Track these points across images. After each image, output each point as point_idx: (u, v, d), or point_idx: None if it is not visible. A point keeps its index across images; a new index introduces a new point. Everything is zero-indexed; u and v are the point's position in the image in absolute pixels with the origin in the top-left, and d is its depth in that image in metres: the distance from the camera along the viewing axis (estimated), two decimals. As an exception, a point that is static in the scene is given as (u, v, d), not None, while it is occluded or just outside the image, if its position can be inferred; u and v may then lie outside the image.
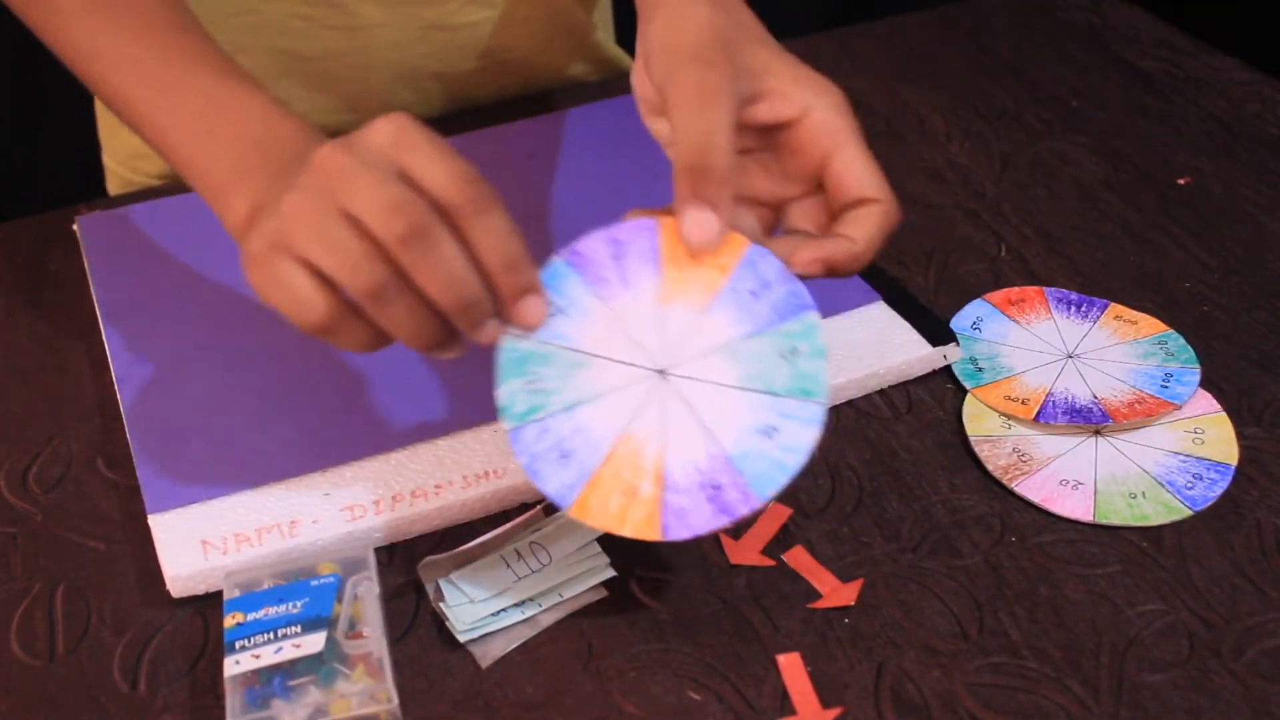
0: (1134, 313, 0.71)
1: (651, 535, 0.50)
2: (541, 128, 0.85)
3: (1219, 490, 0.61)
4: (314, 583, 0.55)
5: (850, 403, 0.67)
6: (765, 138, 0.57)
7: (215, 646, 0.55)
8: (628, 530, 0.51)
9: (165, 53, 0.61)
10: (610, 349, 0.53)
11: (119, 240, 0.76)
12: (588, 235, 0.54)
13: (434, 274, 0.49)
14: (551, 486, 0.51)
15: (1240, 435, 0.64)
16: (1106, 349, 0.69)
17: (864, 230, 0.55)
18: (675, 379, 0.53)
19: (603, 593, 0.57)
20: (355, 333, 0.51)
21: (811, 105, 0.55)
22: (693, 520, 0.50)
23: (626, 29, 1.01)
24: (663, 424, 0.52)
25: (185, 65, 0.61)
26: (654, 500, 0.51)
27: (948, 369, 0.68)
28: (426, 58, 0.88)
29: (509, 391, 0.52)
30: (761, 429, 0.52)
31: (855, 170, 0.55)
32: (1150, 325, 0.70)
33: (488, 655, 0.55)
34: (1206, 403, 0.66)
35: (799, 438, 0.51)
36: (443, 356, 0.52)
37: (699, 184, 0.51)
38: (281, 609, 0.54)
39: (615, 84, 0.94)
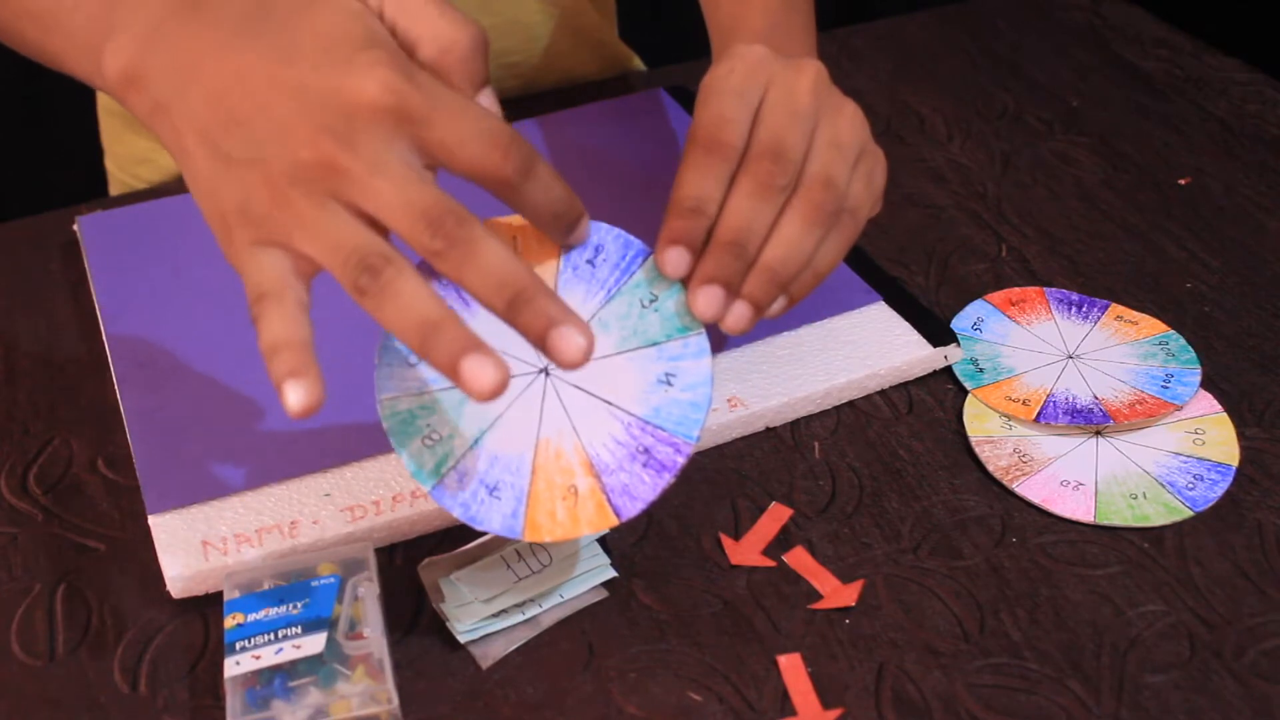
0: (1135, 313, 0.71)
1: (608, 523, 0.51)
2: (543, 128, 0.85)
3: (1220, 491, 0.61)
4: (314, 583, 0.55)
5: (850, 403, 0.67)
6: None
7: (215, 647, 0.55)
8: (585, 529, 0.51)
9: None
10: None
11: (119, 240, 0.76)
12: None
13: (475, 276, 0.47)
14: (496, 524, 0.51)
15: (1241, 436, 0.64)
16: (1107, 349, 0.69)
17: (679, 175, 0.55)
18: (560, 371, 0.53)
19: (603, 593, 0.57)
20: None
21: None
22: (639, 491, 0.51)
23: (628, 26, 1.01)
24: (568, 417, 0.52)
25: None
26: (595, 490, 0.51)
27: (948, 369, 0.68)
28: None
29: (411, 455, 0.52)
30: (659, 380, 0.52)
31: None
32: (1151, 326, 0.70)
33: (488, 656, 0.55)
34: (1207, 403, 0.66)
35: (696, 373, 0.53)
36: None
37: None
38: (282, 610, 0.54)
39: (619, 83, 0.94)
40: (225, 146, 0.48)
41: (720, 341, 0.68)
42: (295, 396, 0.47)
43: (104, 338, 0.70)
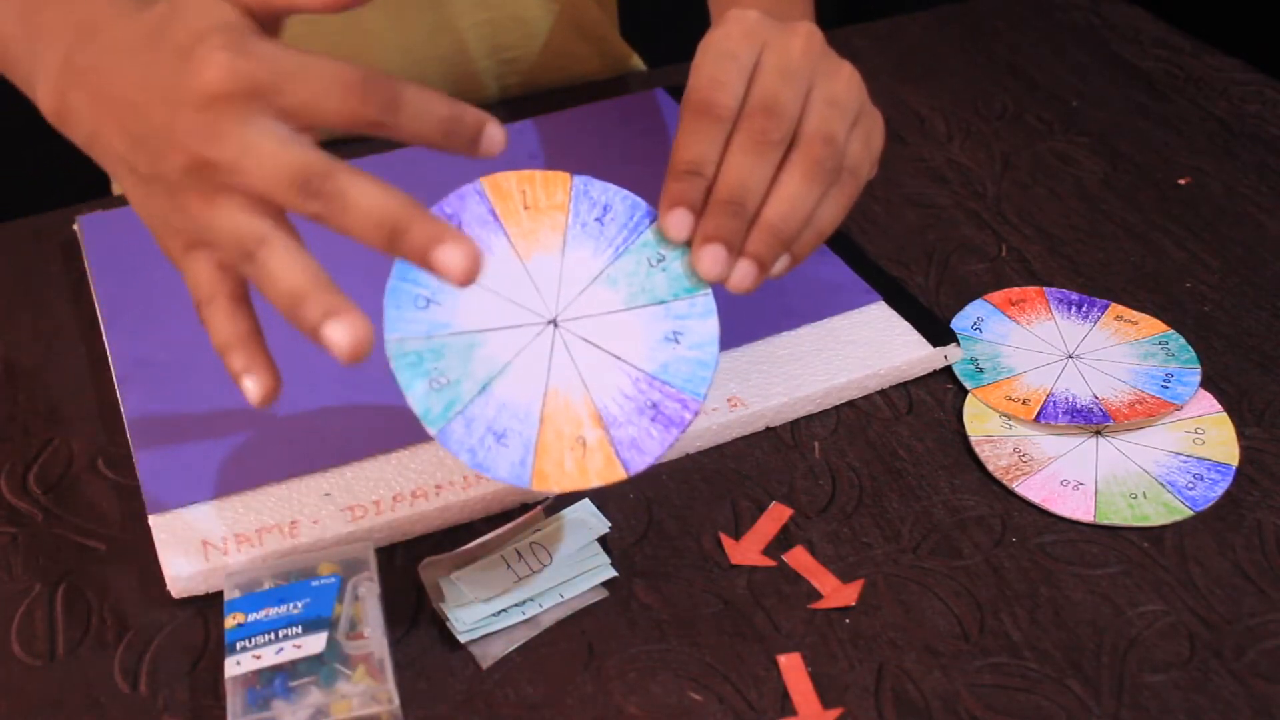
0: (1134, 313, 0.71)
1: (616, 476, 0.51)
2: (544, 128, 0.85)
3: (1220, 490, 0.61)
4: (314, 583, 0.55)
5: (850, 403, 0.67)
6: None
7: (216, 647, 0.55)
8: (595, 481, 0.51)
9: None
10: (495, 319, 0.53)
11: (119, 240, 0.76)
12: None
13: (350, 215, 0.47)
14: (503, 471, 0.51)
15: (1241, 435, 0.64)
16: (1107, 349, 0.69)
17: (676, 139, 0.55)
18: (568, 322, 0.53)
19: (603, 593, 0.57)
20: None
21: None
22: (647, 445, 0.51)
23: (628, 26, 1.01)
24: (577, 368, 0.52)
25: None
26: (603, 442, 0.51)
27: (948, 369, 0.68)
28: (431, 60, 0.88)
29: (418, 397, 0.51)
30: (666, 337, 0.53)
31: None
32: (1151, 325, 0.70)
33: (488, 655, 0.55)
34: (1207, 403, 0.66)
35: (702, 332, 0.53)
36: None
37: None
38: (282, 609, 0.54)
39: (619, 82, 0.94)
40: (138, 167, 0.50)
41: (721, 341, 0.68)
42: (251, 389, 0.50)
43: (104, 338, 0.70)
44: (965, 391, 0.67)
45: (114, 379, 0.67)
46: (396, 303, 0.52)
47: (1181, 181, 0.82)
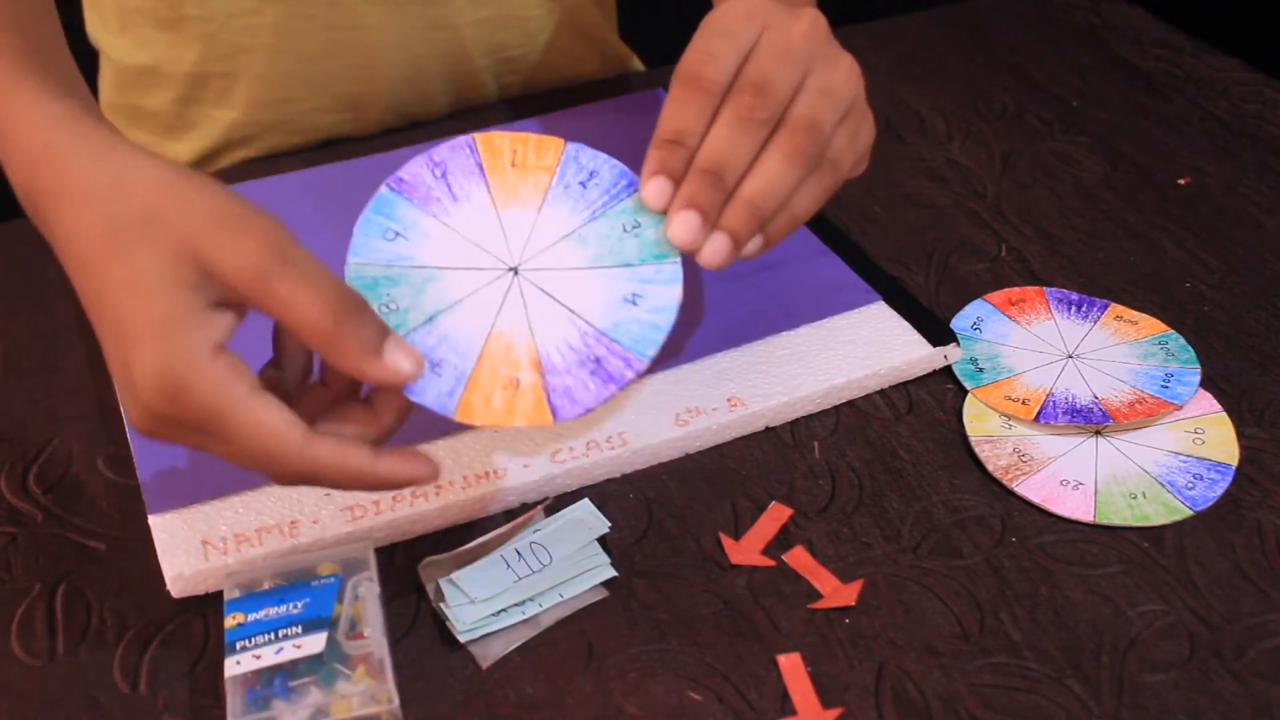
0: (1134, 313, 0.71)
1: (543, 419, 0.51)
2: (543, 128, 0.85)
3: (1219, 490, 0.61)
4: (314, 583, 0.55)
5: (850, 403, 0.67)
6: None
7: (215, 647, 0.55)
8: (518, 420, 0.51)
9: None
10: (457, 260, 0.54)
11: (119, 240, 0.76)
12: (409, 162, 0.55)
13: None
14: (430, 397, 0.50)
15: (1241, 435, 0.64)
16: (1107, 349, 0.69)
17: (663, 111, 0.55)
18: (529, 272, 0.54)
19: (603, 593, 0.57)
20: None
21: None
22: (581, 396, 0.51)
23: (628, 26, 1.01)
24: (527, 315, 0.53)
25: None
26: (536, 387, 0.51)
27: (948, 369, 0.68)
28: (429, 58, 0.88)
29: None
30: (625, 298, 0.53)
31: None
32: (1151, 325, 0.70)
33: (488, 655, 0.55)
34: (1207, 403, 0.66)
35: (663, 297, 0.53)
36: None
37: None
38: (282, 609, 0.54)
39: (619, 82, 0.94)
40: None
41: (721, 341, 0.68)
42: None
43: (104, 338, 0.70)
44: (965, 391, 0.67)
45: (114, 379, 0.67)
46: (365, 231, 0.54)
47: (1181, 181, 0.82)
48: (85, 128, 0.48)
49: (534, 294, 0.53)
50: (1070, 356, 0.69)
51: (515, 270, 0.54)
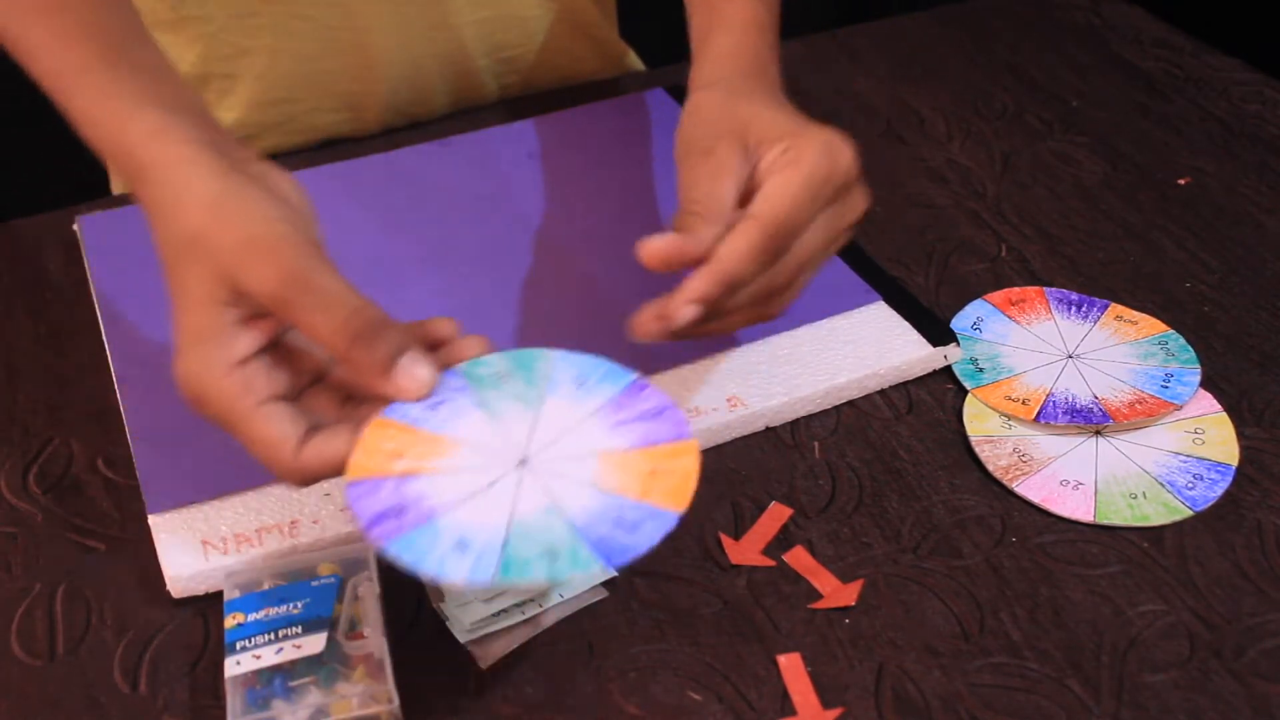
0: (1134, 313, 0.71)
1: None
2: (543, 128, 0.85)
3: (1219, 490, 0.61)
4: (314, 583, 0.55)
5: (850, 403, 0.67)
6: None
7: (215, 647, 0.55)
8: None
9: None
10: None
11: (119, 240, 0.76)
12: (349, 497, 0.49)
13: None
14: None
15: (1241, 435, 0.64)
16: (1107, 349, 0.69)
17: (725, 246, 0.55)
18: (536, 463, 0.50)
19: (603, 593, 0.57)
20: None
21: (786, 148, 0.58)
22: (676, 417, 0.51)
23: (627, 26, 1.01)
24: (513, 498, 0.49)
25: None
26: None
27: (948, 369, 0.68)
28: (429, 57, 0.88)
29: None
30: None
31: (763, 189, 0.56)
32: (1151, 325, 0.70)
33: (488, 655, 0.55)
34: (1207, 403, 0.66)
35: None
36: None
37: (678, 220, 0.56)
38: (282, 609, 0.54)
39: (620, 82, 0.94)
40: None
41: (721, 341, 0.68)
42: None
43: (104, 338, 0.70)
44: (965, 391, 0.67)
45: (114, 379, 0.67)
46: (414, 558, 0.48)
47: (1181, 181, 0.82)
48: (160, 146, 0.53)
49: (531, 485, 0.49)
50: (1070, 356, 0.69)
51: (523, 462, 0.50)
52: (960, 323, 0.71)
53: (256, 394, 0.50)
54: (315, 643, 0.53)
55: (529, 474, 0.49)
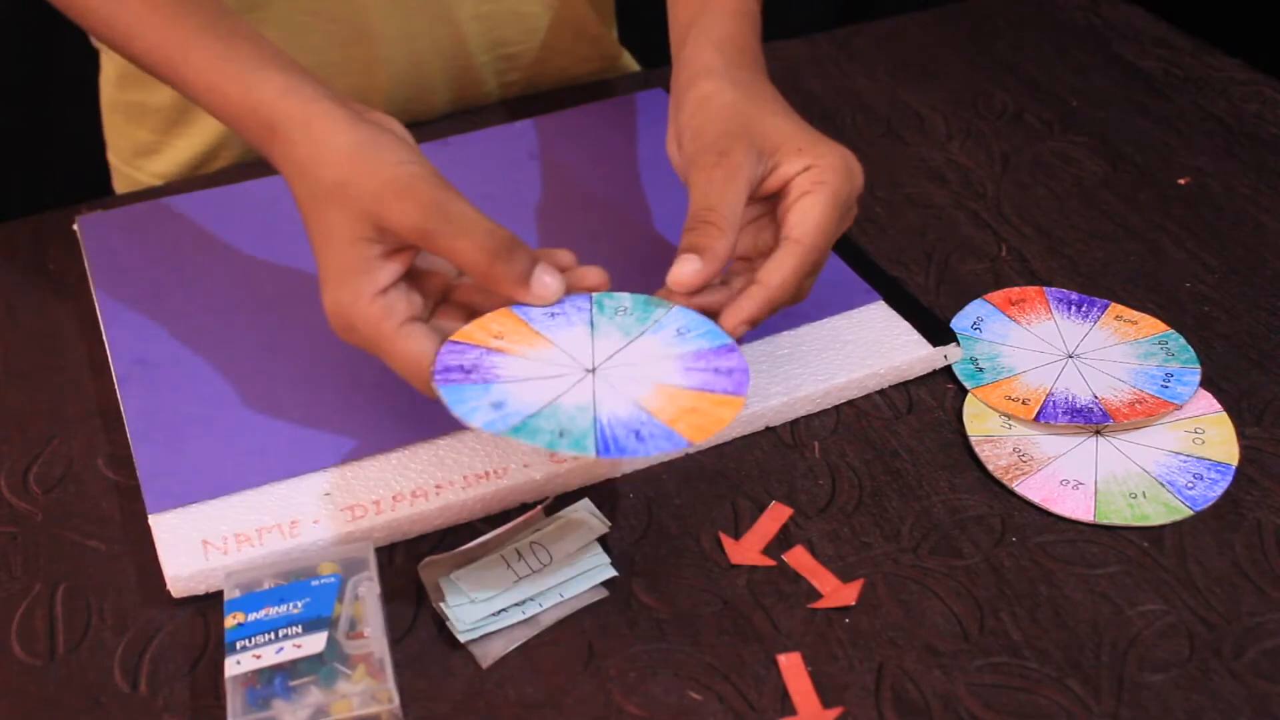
0: (1134, 313, 0.71)
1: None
2: (543, 128, 0.85)
3: (1219, 490, 0.61)
4: (315, 583, 0.55)
5: (850, 403, 0.67)
6: (772, 203, 0.62)
7: (216, 647, 0.55)
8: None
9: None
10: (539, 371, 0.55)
11: (119, 240, 0.76)
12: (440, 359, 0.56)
13: None
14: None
15: (1240, 435, 0.64)
16: (1107, 349, 0.69)
17: (773, 272, 0.59)
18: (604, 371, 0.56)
19: (603, 593, 0.57)
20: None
21: (808, 165, 0.60)
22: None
23: (627, 27, 1.01)
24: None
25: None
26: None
27: (948, 369, 0.68)
28: (430, 53, 0.88)
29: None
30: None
31: (797, 211, 0.60)
32: (1150, 325, 0.70)
33: (488, 655, 0.55)
34: (1207, 403, 0.66)
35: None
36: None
37: (696, 235, 0.58)
38: (282, 609, 0.54)
39: (620, 82, 0.94)
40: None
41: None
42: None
43: (104, 338, 0.70)
44: (965, 391, 0.67)
45: (114, 379, 0.67)
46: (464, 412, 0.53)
47: (1181, 181, 0.82)
48: (290, 104, 0.58)
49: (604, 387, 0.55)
50: (1070, 356, 0.69)
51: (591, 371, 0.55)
52: (960, 322, 0.71)
53: (398, 316, 0.56)
54: (315, 642, 0.53)
55: (590, 380, 0.55)
